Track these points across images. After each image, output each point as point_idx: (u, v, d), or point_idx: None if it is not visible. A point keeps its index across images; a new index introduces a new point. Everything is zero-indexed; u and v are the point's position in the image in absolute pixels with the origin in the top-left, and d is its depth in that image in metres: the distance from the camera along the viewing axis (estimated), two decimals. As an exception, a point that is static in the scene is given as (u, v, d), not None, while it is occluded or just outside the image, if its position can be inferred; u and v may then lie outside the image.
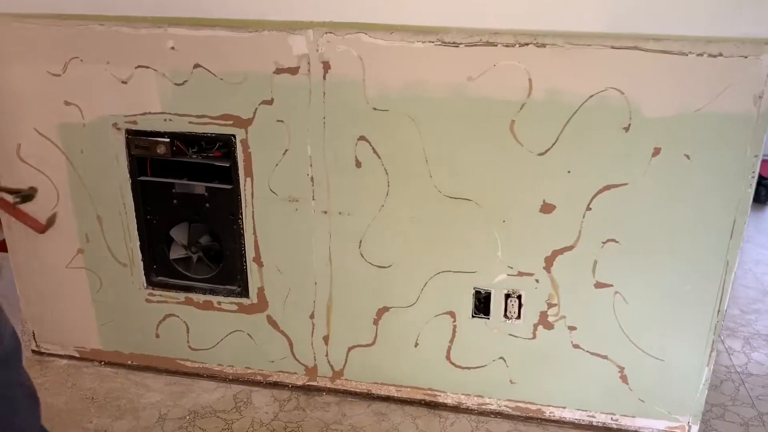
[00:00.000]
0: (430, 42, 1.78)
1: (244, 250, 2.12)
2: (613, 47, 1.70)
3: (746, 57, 1.65)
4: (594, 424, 2.13)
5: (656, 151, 1.77)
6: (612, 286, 1.95)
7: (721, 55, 1.66)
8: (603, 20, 1.69)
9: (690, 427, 2.06)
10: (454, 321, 2.09)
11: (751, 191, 1.77)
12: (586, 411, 2.13)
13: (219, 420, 2.15)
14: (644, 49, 1.69)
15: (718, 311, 1.90)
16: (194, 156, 2.06)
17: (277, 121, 1.94)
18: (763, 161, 4.59)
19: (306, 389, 2.29)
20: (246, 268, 2.15)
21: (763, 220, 4.04)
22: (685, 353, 1.98)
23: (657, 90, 1.72)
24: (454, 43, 1.78)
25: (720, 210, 1.80)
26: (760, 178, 4.26)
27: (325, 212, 2.02)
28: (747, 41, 1.63)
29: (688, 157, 1.76)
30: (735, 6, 1.63)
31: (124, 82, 2.00)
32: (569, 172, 1.84)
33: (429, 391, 2.22)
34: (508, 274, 2.00)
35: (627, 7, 1.67)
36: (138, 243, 2.21)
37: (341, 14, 1.80)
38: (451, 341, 2.12)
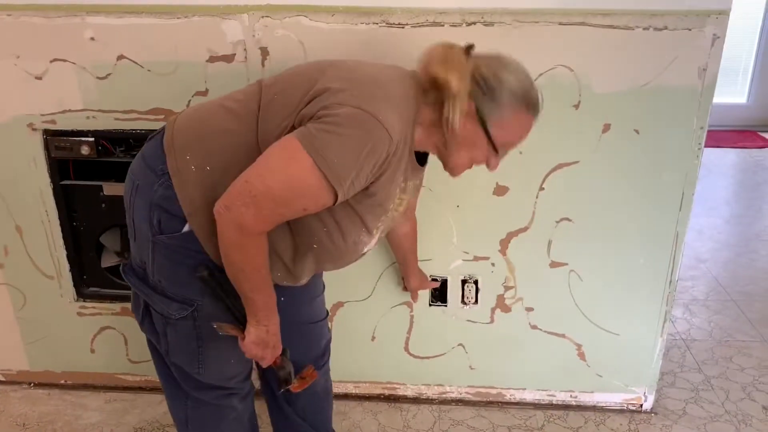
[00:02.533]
0: (374, 24, 1.70)
1: (185, 252, 1.98)
2: (561, 23, 1.67)
3: (690, 30, 1.66)
4: (554, 402, 2.14)
5: (606, 128, 1.77)
6: (567, 264, 1.95)
7: (666, 28, 1.66)
8: (549, -4, 1.66)
9: (646, 397, 2.10)
10: (411, 311, 2.04)
11: (698, 162, 1.79)
12: (546, 390, 2.13)
13: (169, 435, 2.02)
14: (592, 24, 1.67)
15: (670, 282, 1.93)
16: (122, 155, 1.90)
17: (214, 113, 1.81)
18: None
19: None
20: (188, 272, 2.01)
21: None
22: (640, 326, 2.00)
23: (606, 66, 1.71)
24: (399, 24, 1.70)
25: (669, 182, 1.82)
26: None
27: (271, 208, 1.91)
28: (691, 13, 1.64)
29: (637, 132, 1.77)
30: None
31: (38, 78, 1.81)
32: (521, 152, 1.80)
33: (388, 385, 2.16)
34: (464, 260, 1.96)
35: (572, -18, 1.65)
36: (65, 253, 2.03)
37: (278, -4, 1.69)
38: (409, 332, 2.07)
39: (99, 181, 1.93)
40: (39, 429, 2.05)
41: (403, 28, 1.70)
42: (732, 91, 5.31)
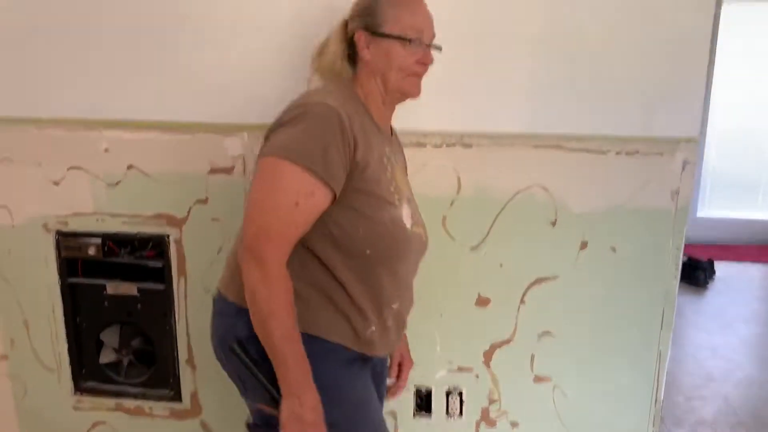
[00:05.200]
0: (361, 142, 1.83)
1: (177, 352, 2.05)
2: (536, 146, 1.78)
3: (662, 154, 1.74)
4: None
5: (583, 245, 1.82)
6: (551, 380, 1.94)
7: (638, 152, 1.75)
8: (525, 121, 1.77)
9: None
10: (396, 421, 2.04)
11: (676, 282, 1.82)
12: None
13: None
14: (565, 148, 1.77)
15: (656, 401, 1.91)
16: (126, 256, 2.02)
17: (212, 219, 1.94)
18: (700, 246, 4.77)
19: (243, 499, 2.17)
20: (179, 372, 2.07)
21: (704, 303, 4.12)
22: (628, 446, 1.96)
23: (580, 186, 1.79)
24: (385, 143, 1.83)
25: (649, 301, 1.84)
26: (697, 262, 4.40)
27: (261, 311, 1.98)
28: (661, 140, 1.73)
29: (614, 250, 1.82)
30: (650, 107, 1.73)
31: (56, 184, 1.97)
32: (501, 265, 1.86)
33: (372, 497, 2.12)
34: (448, 370, 1.98)
35: (548, 109, 1.76)
36: (66, 347, 2.11)
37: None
38: (393, 442, 2.06)
39: (103, 280, 2.05)
40: None
41: (388, 147, 1.82)
42: (753, 206, 5.32)
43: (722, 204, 5.34)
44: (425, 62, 1.40)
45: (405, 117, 1.79)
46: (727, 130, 5.25)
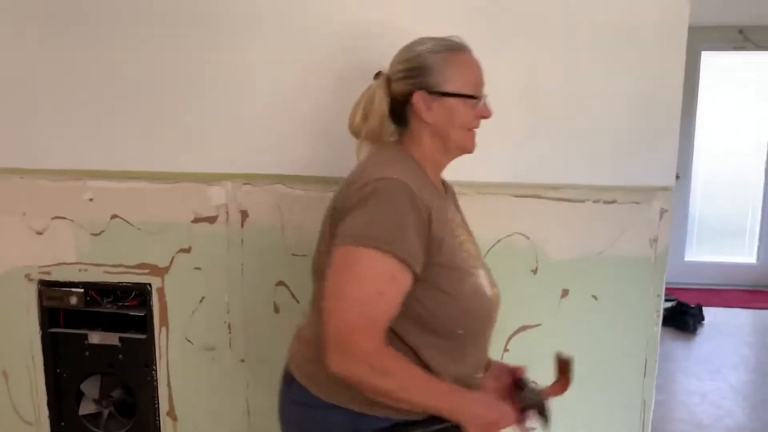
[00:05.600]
0: (344, 191, 1.85)
1: (158, 403, 2.03)
2: (515, 195, 1.80)
3: (639, 203, 1.77)
4: None
5: (564, 293, 1.83)
6: (535, 429, 1.92)
7: (615, 201, 1.77)
8: (505, 171, 1.80)
9: None
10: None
11: (658, 329, 1.82)
12: None
13: None
14: (544, 197, 1.79)
15: (642, 451, 1.89)
16: (109, 306, 2.01)
17: (195, 268, 1.94)
18: (687, 290, 4.79)
19: None
20: (159, 423, 2.04)
21: (694, 348, 4.11)
22: (616, 498, 1.93)
23: (560, 234, 1.81)
24: (367, 192, 1.85)
25: (631, 349, 1.84)
26: (687, 307, 4.40)
27: (243, 360, 1.97)
28: (637, 189, 1.76)
29: (595, 297, 1.82)
30: (626, 157, 1.76)
31: (39, 233, 1.98)
32: (484, 314, 1.86)
33: None
34: (432, 420, 1.95)
35: (527, 160, 1.79)
36: (45, 398, 2.08)
37: (259, 167, 1.87)
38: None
39: (85, 330, 2.04)
40: None
41: (370, 196, 1.85)
42: (741, 252, 5.36)
43: (709, 248, 5.39)
44: (486, 116, 1.36)
45: (386, 167, 1.83)
46: (712, 176, 5.33)
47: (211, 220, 1.91)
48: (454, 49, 1.30)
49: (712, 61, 5.07)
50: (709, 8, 4.29)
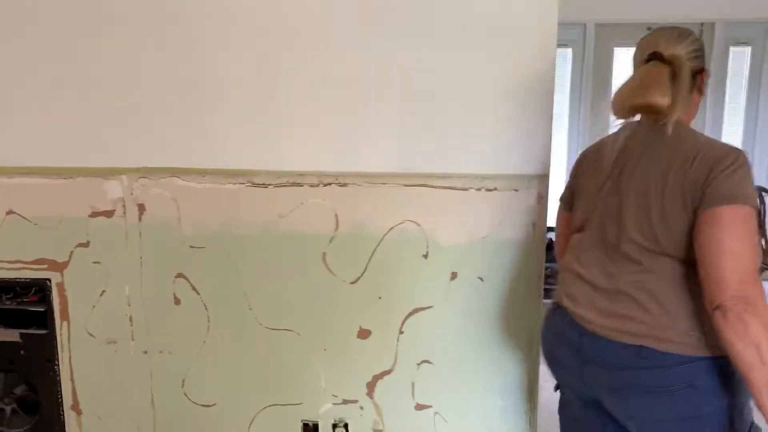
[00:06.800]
0: (240, 184, 1.90)
1: (61, 398, 2.03)
2: (405, 185, 1.89)
3: (517, 190, 1.88)
4: None
5: (453, 275, 1.93)
6: (431, 406, 2.02)
7: (496, 189, 1.88)
8: (395, 161, 1.89)
9: None
10: (284, 456, 2.07)
11: (541, 307, 1.94)
12: None
13: None
14: (432, 185, 1.89)
15: (530, 423, 2.01)
16: (8, 302, 2.00)
17: (94, 262, 1.96)
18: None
19: None
20: (63, 418, 2.05)
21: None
22: (508, 469, 2.05)
23: (447, 221, 1.91)
24: (263, 184, 1.90)
25: (517, 328, 1.95)
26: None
27: (146, 352, 2.00)
28: (516, 177, 1.87)
29: (482, 279, 1.93)
30: (506, 147, 1.87)
31: (-68, 231, 1.96)
32: (380, 297, 1.95)
33: None
34: (333, 403, 2.03)
35: (414, 150, 1.88)
36: (-56, 399, 2.06)
37: (154, 160, 1.90)
38: (283, 478, 2.08)
39: (-16, 327, 2.02)
40: None
41: (266, 187, 1.90)
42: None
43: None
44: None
45: (283, 158, 1.89)
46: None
47: (109, 213, 1.93)
48: None
49: (624, 57, 5.31)
50: (618, 6, 4.54)
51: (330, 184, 1.90)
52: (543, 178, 1.87)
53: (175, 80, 1.86)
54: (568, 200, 1.70)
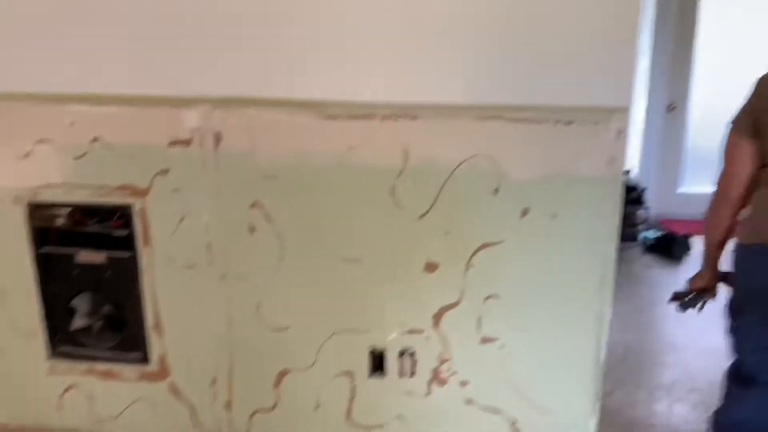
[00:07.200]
0: (313, 115, 1.91)
1: (144, 317, 2.16)
2: (478, 117, 1.85)
3: (597, 124, 1.81)
4: (493, 479, 2.17)
5: (525, 211, 1.90)
6: (497, 340, 2.04)
7: (573, 122, 1.82)
8: (468, 93, 1.85)
9: (583, 478, 2.12)
10: (353, 381, 2.14)
11: (615, 247, 1.90)
12: (485, 466, 2.17)
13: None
14: (506, 118, 1.84)
15: (597, 362, 2.00)
16: (95, 226, 2.11)
17: (173, 190, 2.03)
18: (680, 221, 4.83)
19: (211, 457, 2.29)
20: (146, 336, 2.18)
21: (678, 276, 4.19)
22: (573, 404, 2.06)
23: (520, 155, 1.87)
24: (335, 116, 1.91)
25: (588, 266, 1.92)
26: (673, 237, 4.47)
27: (223, 277, 2.08)
28: (595, 110, 1.80)
29: (554, 216, 1.90)
30: (584, 77, 1.80)
31: (25, 156, 2.06)
32: (447, 233, 1.95)
33: (332, 454, 2.23)
34: (400, 332, 2.07)
35: (488, 81, 1.83)
36: (39, 314, 2.22)
37: (231, 90, 1.93)
38: (351, 401, 2.16)
39: (73, 249, 2.15)
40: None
41: (338, 119, 1.91)
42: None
43: (705, 180, 5.37)
44: None
45: (353, 89, 1.88)
46: (710, 105, 5.27)
47: (186, 143, 1.98)
48: None
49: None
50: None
51: (401, 117, 1.89)
52: (623, 112, 1.79)
53: (252, 9, 1.86)
54: (751, 126, 1.57)
